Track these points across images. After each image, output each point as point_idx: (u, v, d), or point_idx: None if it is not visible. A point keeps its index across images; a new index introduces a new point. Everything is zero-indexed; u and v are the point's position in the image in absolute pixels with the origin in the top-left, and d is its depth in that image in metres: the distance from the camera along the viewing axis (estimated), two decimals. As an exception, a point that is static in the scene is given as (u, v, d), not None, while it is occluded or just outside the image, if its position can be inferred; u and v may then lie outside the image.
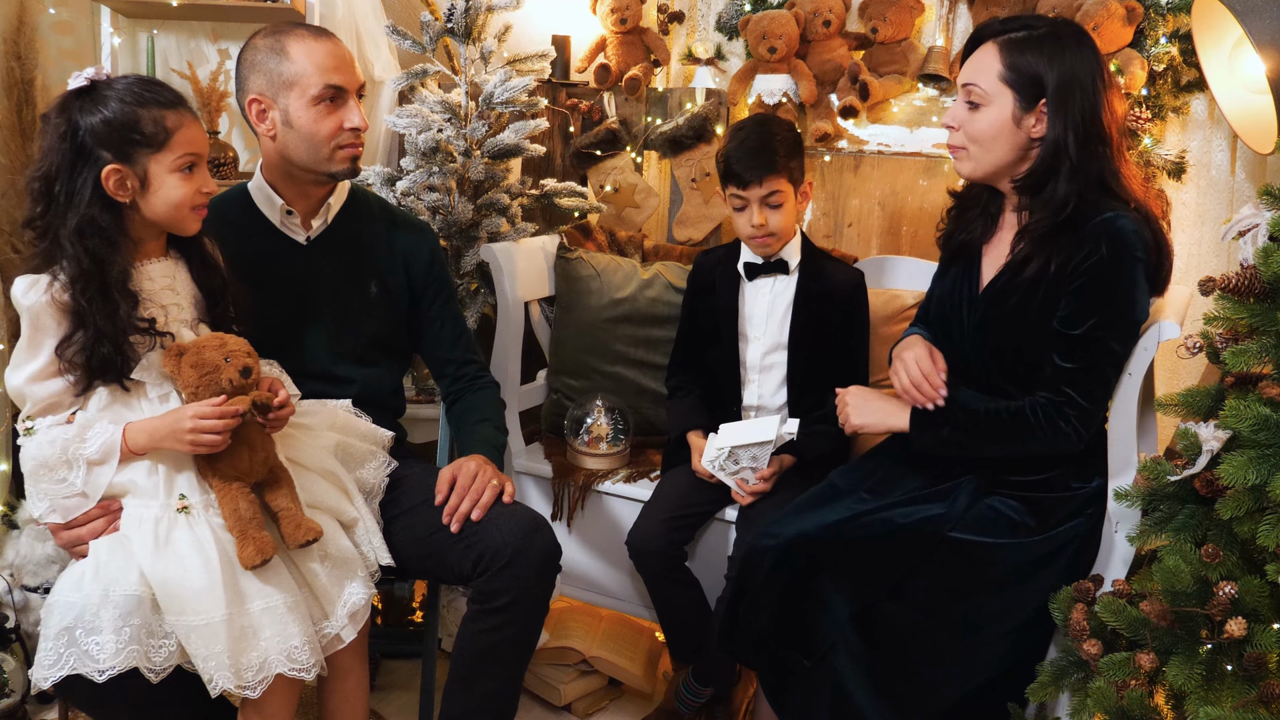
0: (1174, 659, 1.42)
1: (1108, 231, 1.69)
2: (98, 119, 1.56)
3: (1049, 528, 1.77)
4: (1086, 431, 1.74)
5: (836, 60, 2.73)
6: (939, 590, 1.75)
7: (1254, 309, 1.43)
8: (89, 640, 1.43)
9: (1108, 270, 1.70)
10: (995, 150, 1.80)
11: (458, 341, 2.13)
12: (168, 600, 1.48)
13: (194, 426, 1.56)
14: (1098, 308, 1.71)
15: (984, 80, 1.78)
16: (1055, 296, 1.75)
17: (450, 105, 2.58)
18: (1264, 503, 1.35)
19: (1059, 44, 1.75)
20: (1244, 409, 1.38)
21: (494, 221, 2.56)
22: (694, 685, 2.26)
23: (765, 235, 2.18)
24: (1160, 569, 1.49)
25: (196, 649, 1.48)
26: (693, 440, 2.25)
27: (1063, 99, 1.73)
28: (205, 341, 1.64)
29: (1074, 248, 1.72)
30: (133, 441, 1.58)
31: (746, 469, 2.12)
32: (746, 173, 2.14)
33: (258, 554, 1.55)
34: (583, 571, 2.42)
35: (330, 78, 1.83)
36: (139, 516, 1.56)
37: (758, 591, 1.81)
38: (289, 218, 1.94)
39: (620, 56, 2.93)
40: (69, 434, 1.57)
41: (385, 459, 1.93)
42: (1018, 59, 1.76)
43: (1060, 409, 1.73)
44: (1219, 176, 2.43)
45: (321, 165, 1.88)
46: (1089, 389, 1.73)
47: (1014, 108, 1.77)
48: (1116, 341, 1.73)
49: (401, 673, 2.62)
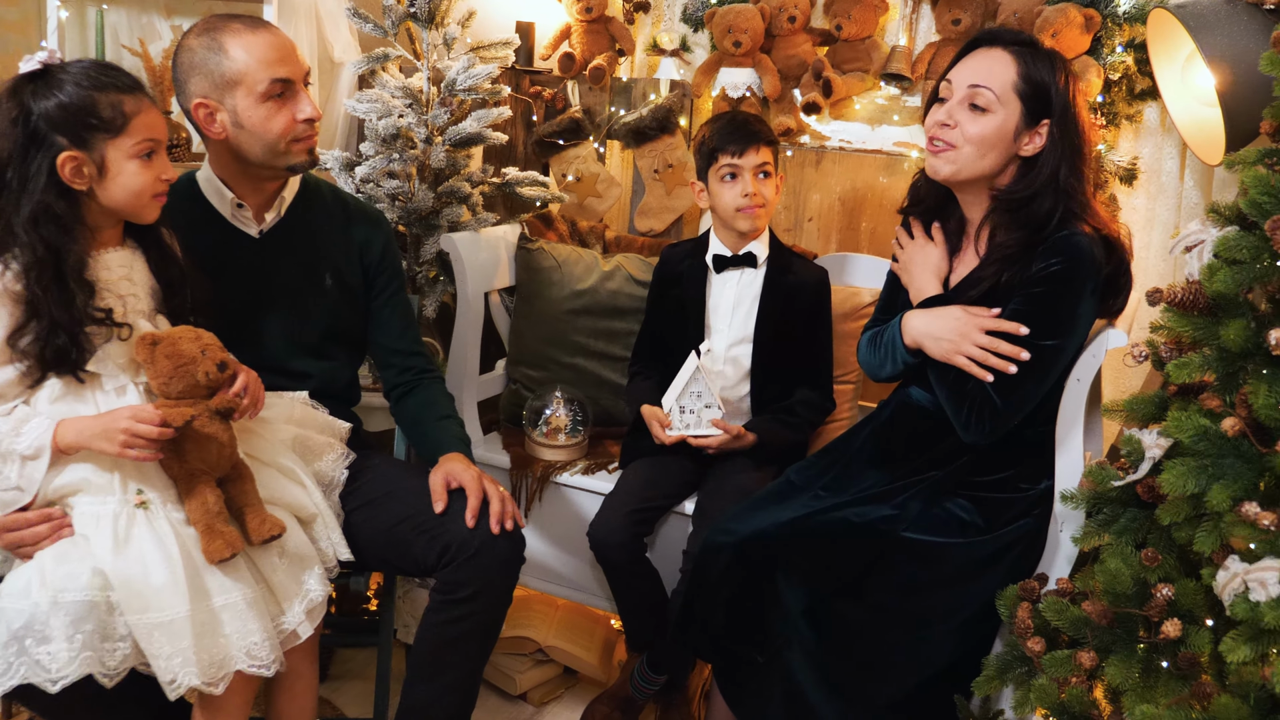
0: (1113, 657, 1.48)
1: (1064, 246, 1.74)
2: (52, 103, 1.52)
3: (997, 527, 1.81)
4: (990, 433, 1.77)
5: (800, 56, 2.75)
6: (890, 587, 1.79)
7: (1197, 322, 1.47)
8: (40, 650, 1.39)
9: (1058, 284, 1.74)
10: (988, 158, 1.80)
11: (405, 332, 2.11)
12: (129, 599, 1.45)
13: (128, 428, 1.50)
14: (1039, 317, 1.75)
15: (996, 85, 1.78)
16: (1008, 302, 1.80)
17: (411, 91, 2.56)
18: (1201, 510, 1.40)
19: (1063, 69, 1.79)
20: (1185, 420, 1.42)
21: (455, 210, 2.56)
22: (648, 673, 2.29)
23: (756, 205, 2.21)
24: (1102, 571, 1.54)
25: (160, 647, 1.46)
26: (648, 411, 2.26)
27: (1064, 121, 1.77)
28: (180, 333, 1.61)
29: (1030, 259, 1.77)
30: (61, 439, 1.53)
31: (702, 409, 2.18)
32: (742, 140, 2.20)
33: (227, 548, 1.53)
34: (540, 561, 2.44)
35: (275, 71, 1.78)
36: (95, 514, 1.53)
37: (713, 588, 1.85)
38: (240, 211, 1.91)
39: (585, 45, 2.93)
40: (4, 427, 1.53)
41: (343, 451, 1.92)
42: (1033, 71, 1.77)
43: (985, 401, 1.77)
44: (1169, 183, 2.48)
45: (279, 160, 1.85)
46: (1007, 393, 1.76)
47: (1019, 120, 1.78)
48: (1048, 355, 1.76)
49: (355, 662, 2.63)
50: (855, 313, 2.44)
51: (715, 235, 2.33)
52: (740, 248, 2.30)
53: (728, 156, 2.21)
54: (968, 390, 1.78)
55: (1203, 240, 1.55)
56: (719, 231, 2.33)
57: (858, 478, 1.94)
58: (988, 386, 1.76)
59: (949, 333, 1.80)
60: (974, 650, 1.81)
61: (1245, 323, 1.40)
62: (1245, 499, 1.33)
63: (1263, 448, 1.35)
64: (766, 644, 1.80)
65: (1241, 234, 1.41)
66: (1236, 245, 1.40)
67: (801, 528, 1.83)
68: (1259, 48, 1.92)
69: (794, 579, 1.79)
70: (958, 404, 1.80)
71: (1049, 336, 1.75)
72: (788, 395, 2.31)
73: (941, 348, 1.81)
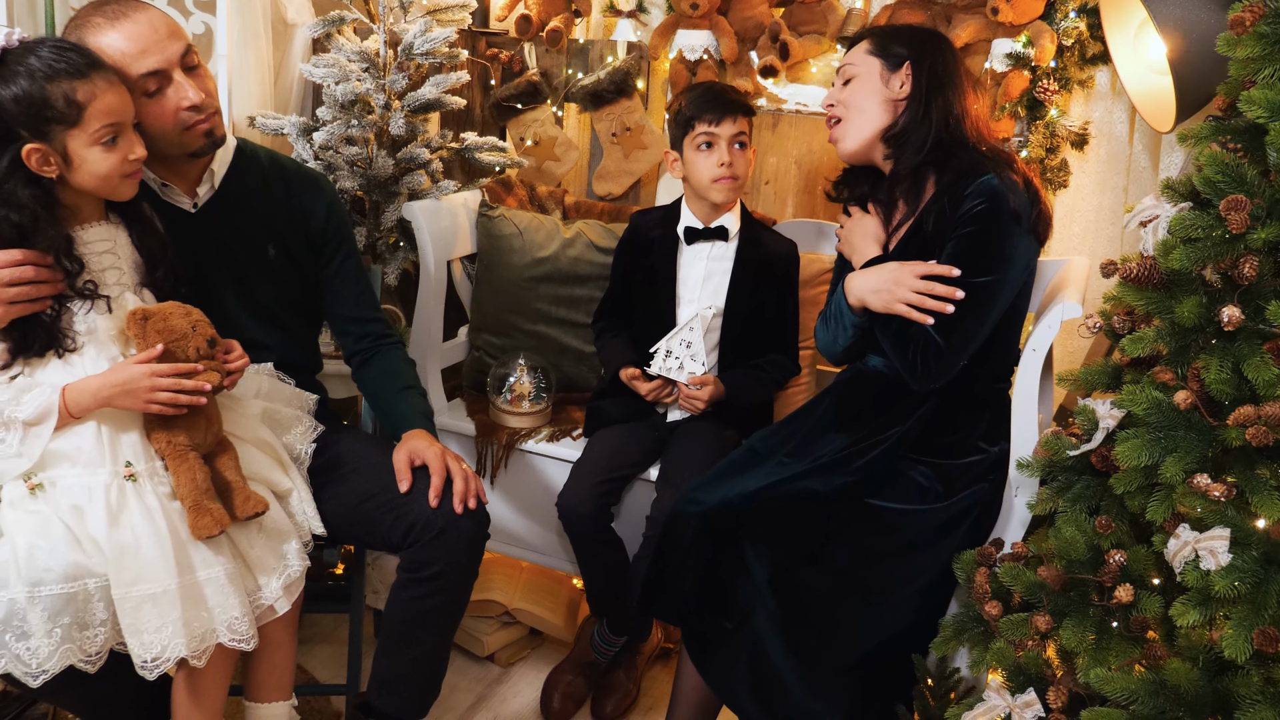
0: (1067, 620, 1.53)
1: (981, 189, 1.85)
2: (8, 95, 1.50)
3: (954, 493, 1.87)
4: (937, 374, 1.87)
5: (757, 18, 2.74)
6: (851, 554, 1.84)
7: (1151, 297, 1.51)
8: (19, 645, 1.42)
9: (983, 221, 1.84)
10: (867, 110, 1.99)
11: (360, 298, 2.08)
12: (120, 571, 1.47)
13: (154, 385, 1.54)
14: (970, 256, 1.84)
15: (855, 57, 2.03)
16: (942, 252, 1.88)
17: (368, 55, 2.51)
18: (1154, 480, 1.46)
19: (921, 32, 2.06)
20: (1139, 393, 1.47)
21: (415, 179, 2.53)
22: (609, 634, 2.34)
23: (730, 176, 2.21)
24: (1057, 538, 1.60)
25: (147, 620, 1.47)
26: (628, 374, 2.28)
27: (921, 59, 1.97)
28: (170, 309, 1.62)
29: (955, 208, 1.87)
30: (74, 403, 1.54)
31: (688, 359, 2.22)
32: (720, 109, 2.20)
33: (214, 525, 1.55)
34: (505, 527, 2.46)
35: (140, 66, 1.67)
36: (88, 485, 1.54)
37: (681, 558, 1.88)
38: (167, 190, 1.86)
39: (541, 6, 2.89)
40: (5, 395, 1.54)
41: (311, 424, 1.92)
42: (884, 39, 2.02)
43: (929, 342, 1.85)
44: (1118, 148, 2.53)
45: (178, 149, 1.79)
46: (948, 332, 1.84)
47: (881, 69, 1.99)
48: (984, 291, 1.84)
49: (323, 625, 2.65)
50: (815, 279, 2.47)
51: (687, 206, 2.32)
52: (712, 220, 2.29)
53: (704, 125, 2.20)
54: (911, 335, 1.88)
55: (1157, 216, 1.59)
56: (691, 202, 2.31)
57: (820, 443, 1.98)
58: (929, 329, 1.85)
59: (886, 284, 1.91)
60: (932, 612, 1.87)
61: (1198, 299, 1.45)
62: (1197, 471, 1.39)
63: (1213, 420, 1.41)
64: (733, 612, 1.85)
65: (1196, 213, 1.45)
66: (1192, 224, 1.44)
67: (768, 497, 1.87)
68: (1210, 18, 1.96)
69: (760, 548, 1.83)
70: (902, 351, 1.89)
71: (982, 273, 1.84)
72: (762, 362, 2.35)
73: (881, 299, 1.91)
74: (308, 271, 2.03)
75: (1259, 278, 1.41)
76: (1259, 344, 1.40)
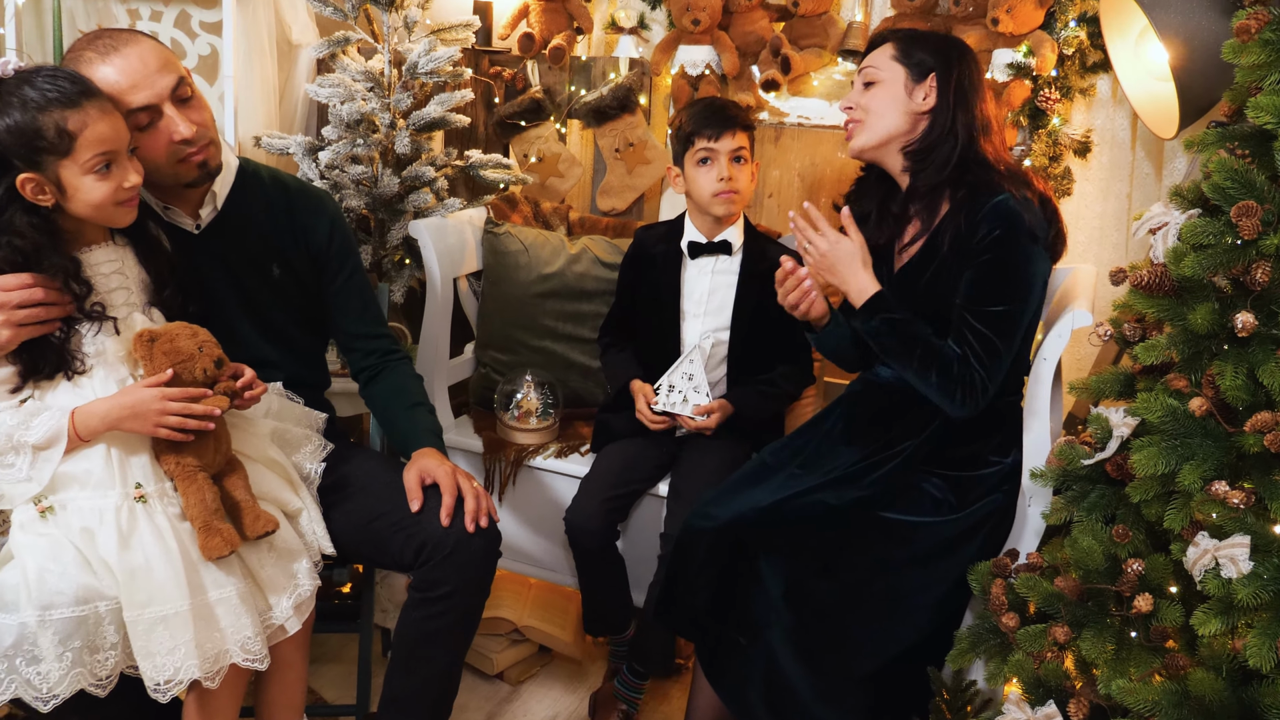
0: (1086, 631, 1.53)
1: (996, 213, 1.81)
2: (2, 126, 1.49)
3: (968, 504, 1.86)
4: (980, 403, 1.83)
5: (758, 32, 2.75)
6: (865, 566, 1.83)
7: (1162, 304, 1.51)
8: (30, 670, 1.40)
9: (1002, 248, 1.80)
10: (888, 116, 1.94)
11: (365, 314, 2.06)
12: (132, 593, 1.46)
13: (164, 409, 1.54)
14: (993, 284, 1.81)
15: (879, 61, 1.96)
16: (958, 276, 1.85)
17: (373, 74, 2.52)
18: (1171, 487, 1.45)
19: (946, 42, 1.98)
20: (1153, 400, 1.47)
21: (421, 197, 2.53)
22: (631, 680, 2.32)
23: (730, 191, 2.21)
24: (1074, 548, 1.59)
25: (160, 643, 1.46)
26: (637, 386, 2.28)
27: (948, 72, 1.92)
28: (177, 329, 1.61)
29: (972, 230, 1.83)
30: (83, 426, 1.54)
31: (690, 391, 2.21)
32: (718, 124, 2.20)
33: (225, 545, 1.54)
34: (514, 543, 2.45)
35: (130, 101, 1.65)
36: (99, 508, 1.53)
37: (695, 573, 1.88)
38: (170, 211, 1.85)
39: (543, 24, 2.90)
40: (14, 420, 1.53)
41: (320, 443, 1.91)
42: (909, 46, 1.96)
43: (971, 379, 1.81)
44: (1121, 154, 2.54)
45: (173, 180, 1.78)
46: (988, 364, 1.81)
47: (905, 78, 1.93)
48: (1010, 319, 1.81)
49: (331, 645, 2.63)
50: (821, 290, 2.46)
51: (690, 221, 2.33)
52: (715, 234, 2.30)
53: (704, 140, 2.21)
54: (954, 375, 1.81)
55: (1166, 223, 1.59)
56: (694, 217, 2.32)
57: (831, 455, 1.98)
58: (973, 361, 1.81)
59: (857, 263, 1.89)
60: (946, 623, 1.86)
61: (1211, 305, 1.44)
62: (1215, 478, 1.38)
63: (1229, 427, 1.40)
64: (748, 627, 1.83)
65: (1207, 220, 1.45)
66: (1203, 231, 1.44)
67: (781, 511, 1.86)
68: (1212, 24, 1.96)
69: (774, 562, 1.82)
70: (949, 391, 1.82)
71: (1006, 301, 1.81)
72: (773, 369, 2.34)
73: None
74: (313, 289, 2.02)
75: (1271, 283, 1.41)
76: (1273, 349, 1.39)
